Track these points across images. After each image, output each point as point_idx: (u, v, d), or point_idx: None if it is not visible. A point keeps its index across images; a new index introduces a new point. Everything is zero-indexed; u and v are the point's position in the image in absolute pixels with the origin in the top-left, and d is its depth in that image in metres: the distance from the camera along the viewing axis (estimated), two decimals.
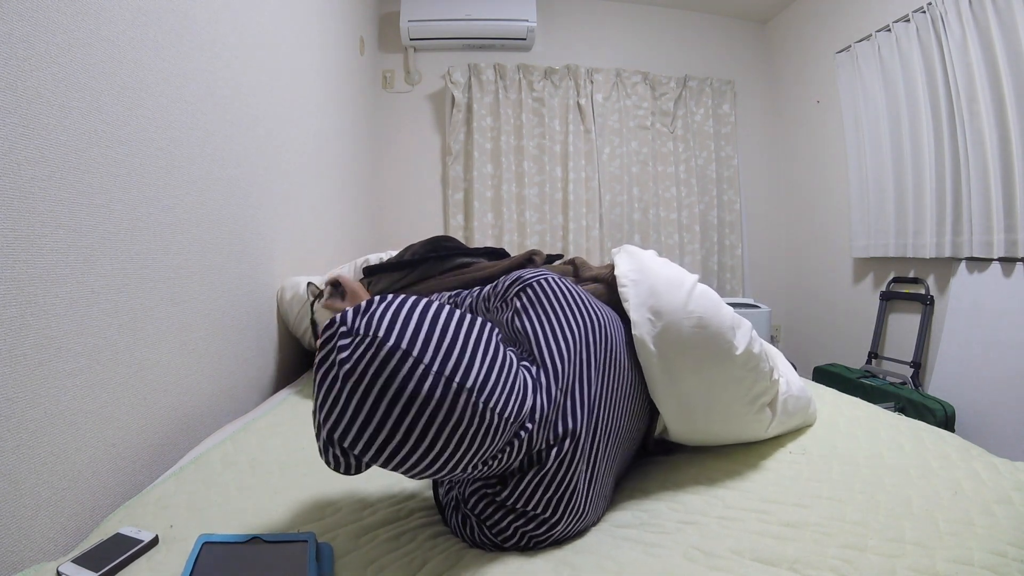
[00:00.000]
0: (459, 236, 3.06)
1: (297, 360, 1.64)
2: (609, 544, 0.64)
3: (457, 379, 0.52)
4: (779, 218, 3.47)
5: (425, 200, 3.16)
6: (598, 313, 0.75)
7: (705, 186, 3.28)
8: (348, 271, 1.53)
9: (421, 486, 0.80)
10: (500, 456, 0.58)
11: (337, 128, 2.22)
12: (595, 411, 0.68)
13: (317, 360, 0.55)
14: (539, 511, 0.62)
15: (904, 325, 2.59)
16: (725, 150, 3.32)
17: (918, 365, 2.45)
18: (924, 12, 2.32)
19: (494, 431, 0.55)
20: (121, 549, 0.59)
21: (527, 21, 2.88)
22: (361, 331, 0.52)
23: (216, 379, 1.14)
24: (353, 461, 0.55)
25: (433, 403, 0.51)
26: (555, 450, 0.62)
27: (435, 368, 0.51)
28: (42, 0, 0.66)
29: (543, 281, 0.74)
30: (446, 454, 0.53)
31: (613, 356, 0.74)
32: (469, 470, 0.57)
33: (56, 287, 0.69)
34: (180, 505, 0.72)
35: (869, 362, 2.72)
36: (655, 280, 0.83)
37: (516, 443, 0.59)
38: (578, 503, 0.64)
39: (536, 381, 0.63)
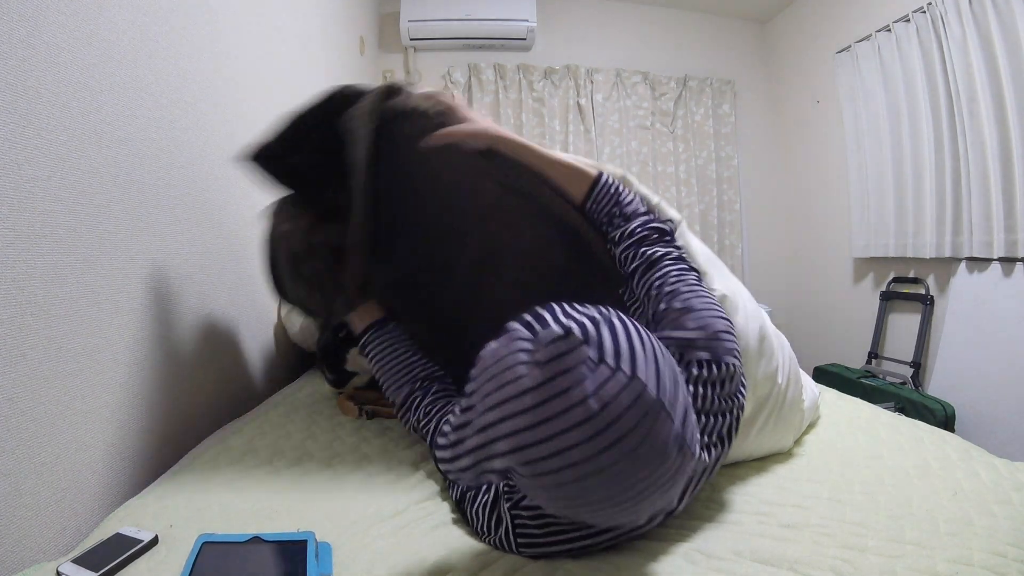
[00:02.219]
0: None
1: (297, 359, 1.64)
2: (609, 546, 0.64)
3: (687, 440, 0.46)
4: (779, 218, 3.47)
5: None
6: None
7: (705, 186, 3.28)
8: None
9: (419, 483, 0.80)
10: None
11: None
12: (691, 490, 0.65)
13: (523, 362, 0.43)
14: (583, 536, 0.60)
15: (904, 325, 2.59)
16: (725, 150, 3.32)
17: (918, 365, 2.44)
18: (924, 12, 2.32)
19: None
20: (121, 549, 0.59)
21: (527, 21, 2.88)
22: (616, 364, 0.42)
23: (216, 379, 1.14)
24: (493, 481, 0.47)
25: (673, 470, 0.44)
26: (653, 520, 0.62)
27: (677, 430, 0.44)
28: (42, 0, 0.66)
29: (734, 366, 0.63)
30: (634, 512, 0.46)
31: None
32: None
33: (56, 287, 0.69)
34: (180, 505, 0.71)
35: (869, 362, 2.72)
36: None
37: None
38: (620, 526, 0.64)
39: None
